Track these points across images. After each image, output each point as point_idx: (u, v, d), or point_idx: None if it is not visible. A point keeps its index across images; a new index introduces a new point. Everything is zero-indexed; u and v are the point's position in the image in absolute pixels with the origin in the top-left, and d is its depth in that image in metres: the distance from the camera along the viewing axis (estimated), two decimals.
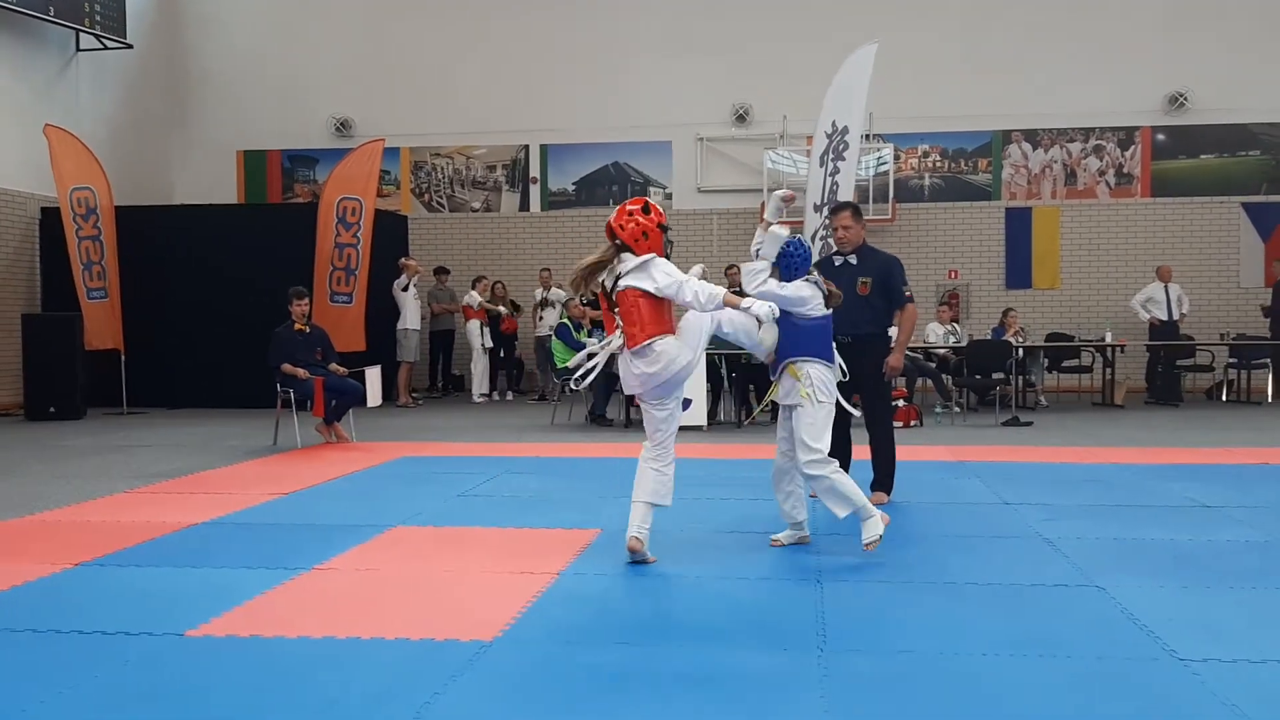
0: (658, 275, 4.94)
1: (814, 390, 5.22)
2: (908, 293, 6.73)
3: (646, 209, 5.08)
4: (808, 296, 5.25)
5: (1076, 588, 4.63)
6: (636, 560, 5.04)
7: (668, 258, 5.11)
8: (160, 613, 4.28)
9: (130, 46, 15.45)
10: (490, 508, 6.62)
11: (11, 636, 4.01)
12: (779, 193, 5.40)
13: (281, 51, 16.97)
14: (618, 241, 5.07)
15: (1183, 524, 5.96)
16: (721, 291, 4.93)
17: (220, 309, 13.61)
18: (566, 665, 3.67)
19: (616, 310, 5.09)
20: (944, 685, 3.47)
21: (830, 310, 5.37)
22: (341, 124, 16.91)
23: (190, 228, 14.20)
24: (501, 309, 14.90)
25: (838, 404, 6.02)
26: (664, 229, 5.10)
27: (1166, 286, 14.26)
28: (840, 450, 6.82)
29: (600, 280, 5.11)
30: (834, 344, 6.30)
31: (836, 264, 6.78)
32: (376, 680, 3.49)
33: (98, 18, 14.79)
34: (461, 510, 6.55)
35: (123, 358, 13.50)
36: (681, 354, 5.01)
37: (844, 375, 5.48)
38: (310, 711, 3.25)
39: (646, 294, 4.96)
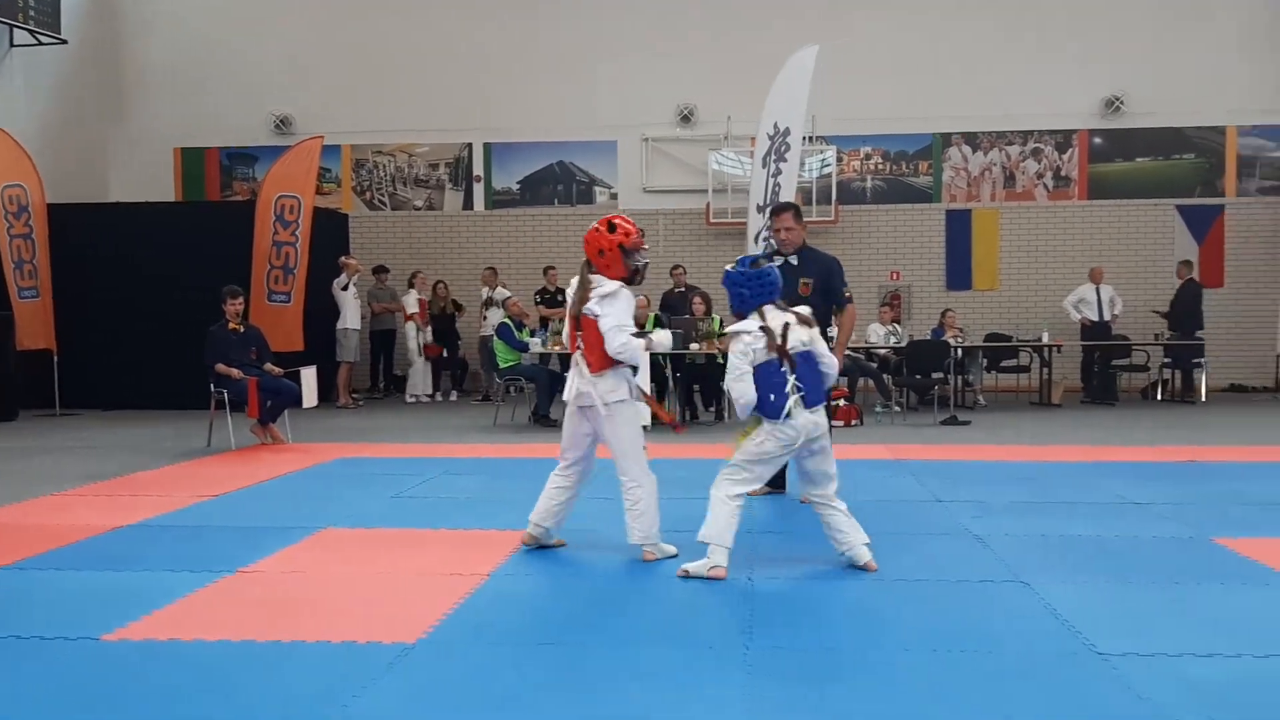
0: (605, 314, 4.98)
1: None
2: (848, 294, 6.77)
3: (612, 227, 5.06)
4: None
5: (1002, 583, 4.68)
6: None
7: (631, 281, 5.11)
8: (78, 616, 4.19)
9: (65, 42, 15.14)
10: (425, 509, 6.56)
11: None
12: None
13: (220, 47, 16.71)
14: (586, 258, 5.15)
15: (1110, 520, 6.05)
16: (638, 345, 5.01)
17: (155, 309, 13.35)
18: (490, 667, 3.63)
19: (580, 333, 5.14)
20: (864, 681, 3.49)
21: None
22: (281, 121, 16.69)
23: (125, 226, 13.91)
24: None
25: None
26: (625, 251, 5.01)
27: (1098, 288, 14.48)
28: None
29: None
30: None
31: (778, 265, 6.80)
32: (295, 684, 3.43)
33: (31, 13, 14.47)
34: (395, 512, 6.48)
35: (55, 358, 13.23)
36: (619, 389, 5.08)
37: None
38: (234, 714, 3.18)
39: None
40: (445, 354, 15.04)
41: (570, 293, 5.22)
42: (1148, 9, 15.46)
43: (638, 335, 5.07)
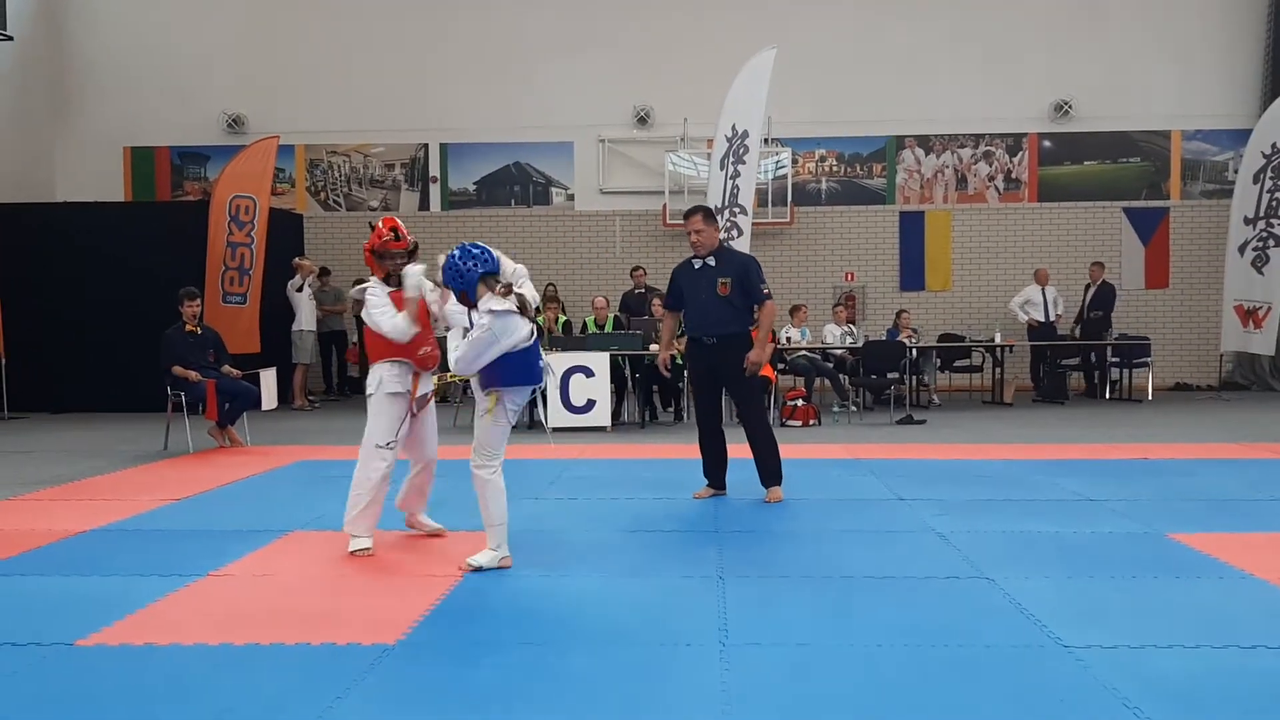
0: (366, 317, 5.49)
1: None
2: (766, 290, 6.82)
3: (378, 227, 5.53)
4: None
5: (968, 579, 4.78)
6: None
7: (388, 280, 5.49)
8: (49, 622, 4.16)
9: (10, 38, 14.89)
10: (389, 511, 6.53)
11: None
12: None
13: (171, 45, 16.50)
14: None
15: (1067, 517, 6.19)
16: (400, 319, 5.37)
17: (107, 310, 13.17)
18: (472, 667, 3.67)
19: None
20: (840, 673, 3.57)
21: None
22: (234, 120, 16.53)
23: (75, 226, 13.70)
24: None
25: (705, 403, 6.50)
26: (378, 254, 5.45)
27: (1044, 289, 14.76)
28: (713, 449, 6.94)
29: None
30: (699, 343, 6.48)
31: (696, 267, 6.88)
32: (276, 686, 3.44)
33: None
34: None
35: (2, 361, 13.00)
36: (379, 384, 5.56)
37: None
38: (217, 713, 3.19)
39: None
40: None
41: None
42: (1096, 17, 15.76)
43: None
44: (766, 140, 14.69)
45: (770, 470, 6.85)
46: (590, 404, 11.01)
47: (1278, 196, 13.87)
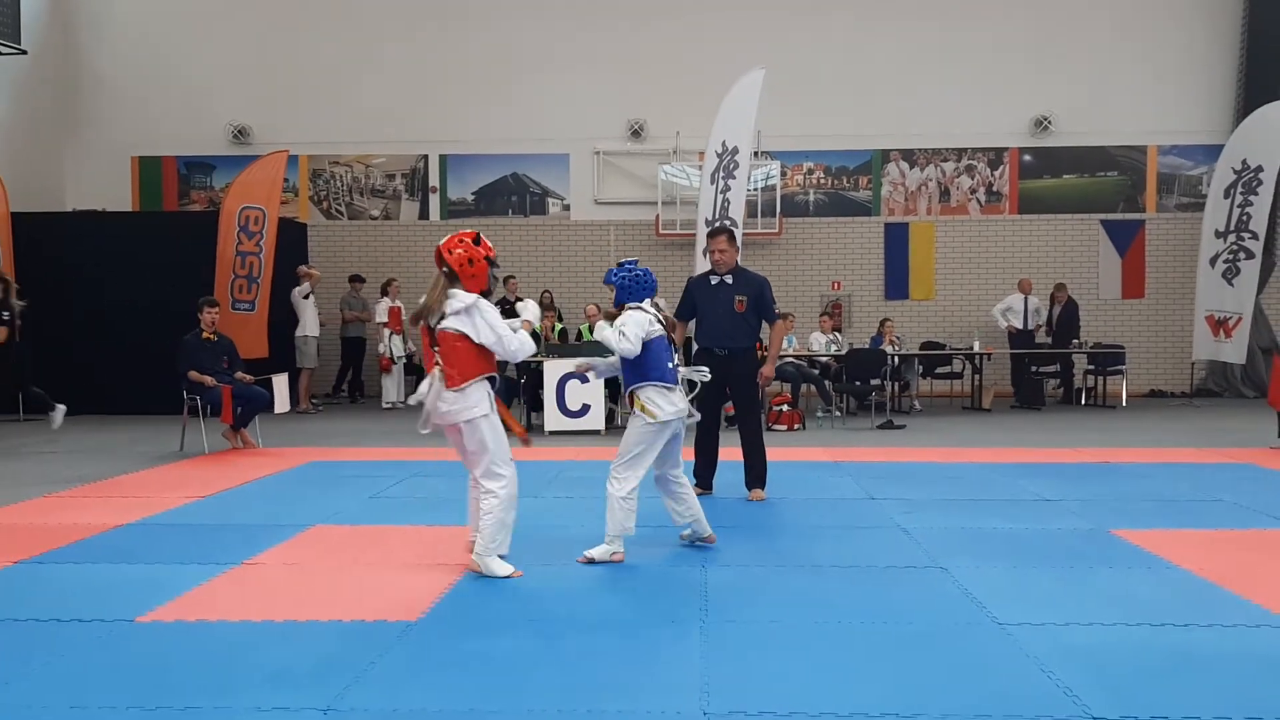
0: (481, 327, 5.09)
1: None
2: (778, 309, 7.49)
3: (478, 239, 5.23)
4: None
5: (923, 569, 5.35)
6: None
7: (489, 294, 5.24)
8: (107, 603, 4.70)
9: (24, 52, 15.40)
10: (403, 508, 7.10)
11: None
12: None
13: (178, 58, 17.03)
14: (446, 269, 5.17)
15: (1023, 515, 6.75)
16: (526, 336, 5.25)
17: (116, 317, 13.67)
18: (487, 639, 4.23)
19: (437, 348, 5.18)
20: (806, 646, 4.13)
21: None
22: (239, 131, 17.05)
23: (86, 234, 14.22)
24: None
25: (708, 410, 6.97)
26: (492, 263, 5.25)
27: (1026, 298, 15.36)
28: (707, 451, 7.52)
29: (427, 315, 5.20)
30: (711, 353, 7.08)
31: (713, 282, 7.45)
32: (318, 653, 4.00)
33: None
34: (376, 510, 7.03)
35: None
36: (481, 404, 5.15)
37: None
38: (265, 678, 3.75)
39: (466, 337, 5.10)
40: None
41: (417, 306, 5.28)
42: (1075, 36, 16.35)
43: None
44: (756, 153, 15.26)
45: (757, 473, 7.44)
46: (585, 408, 11.57)
47: (1248, 211, 14.44)
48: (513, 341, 5.18)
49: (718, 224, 12.31)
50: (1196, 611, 4.55)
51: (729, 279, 7.41)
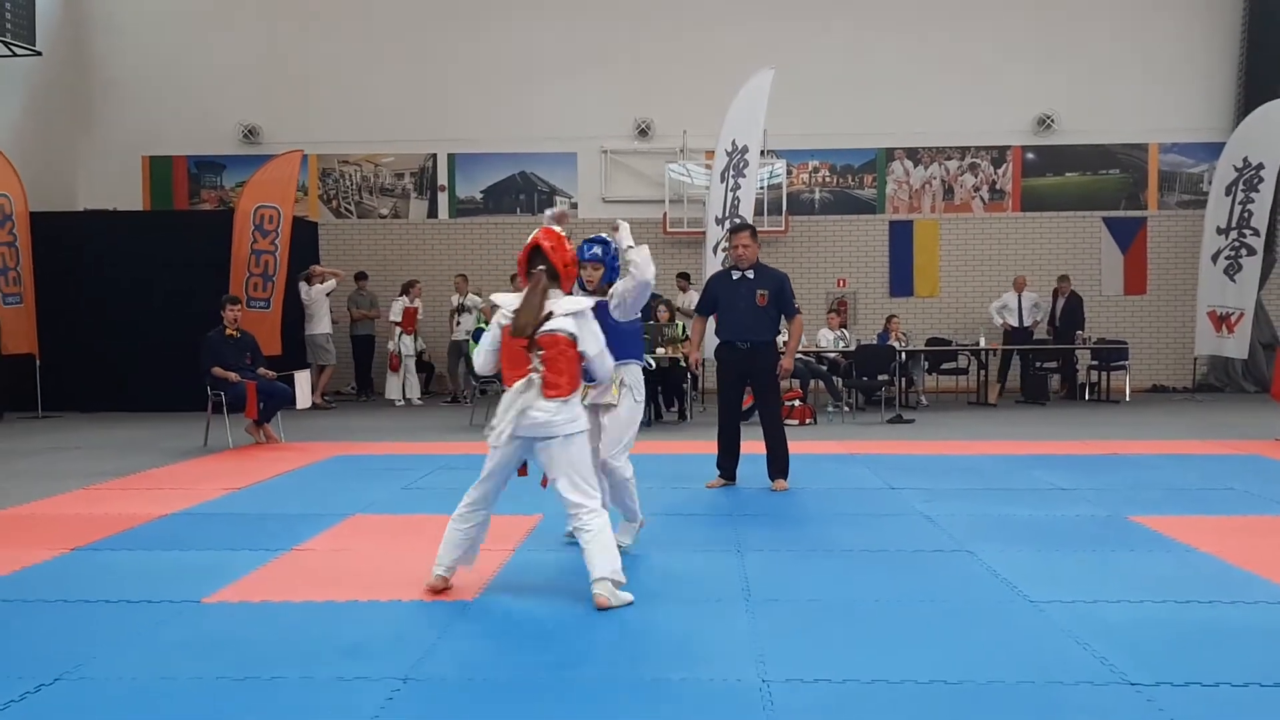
0: (589, 336, 4.71)
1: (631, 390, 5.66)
2: (797, 305, 7.71)
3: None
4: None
5: (950, 553, 5.54)
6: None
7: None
8: (170, 585, 4.88)
9: (39, 54, 15.54)
10: (436, 498, 7.24)
11: (46, 606, 4.59)
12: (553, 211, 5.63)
13: (189, 58, 17.18)
14: (545, 267, 4.74)
15: (1041, 503, 6.95)
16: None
17: (132, 315, 13.81)
18: (539, 614, 4.43)
19: (539, 353, 4.62)
20: (847, 622, 4.33)
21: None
22: (249, 131, 17.21)
23: (99, 233, 14.38)
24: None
25: (730, 401, 7.19)
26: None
27: (1020, 295, 15.56)
28: (730, 443, 7.71)
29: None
30: (733, 346, 7.29)
31: (734, 277, 7.66)
32: (386, 630, 4.20)
33: (8, 25, 14.88)
34: (410, 500, 7.21)
35: (37, 362, 13.67)
36: (582, 418, 4.75)
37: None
38: (341, 652, 3.94)
39: (575, 344, 4.67)
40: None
41: (505, 308, 4.75)
42: (1077, 35, 16.56)
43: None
44: (763, 152, 15.42)
45: (780, 463, 7.64)
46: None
47: (1249, 208, 14.64)
48: (609, 360, 4.88)
49: (730, 222, 12.51)
50: (1219, 590, 4.75)
51: (750, 274, 7.61)
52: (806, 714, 3.37)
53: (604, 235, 5.79)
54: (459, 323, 15.48)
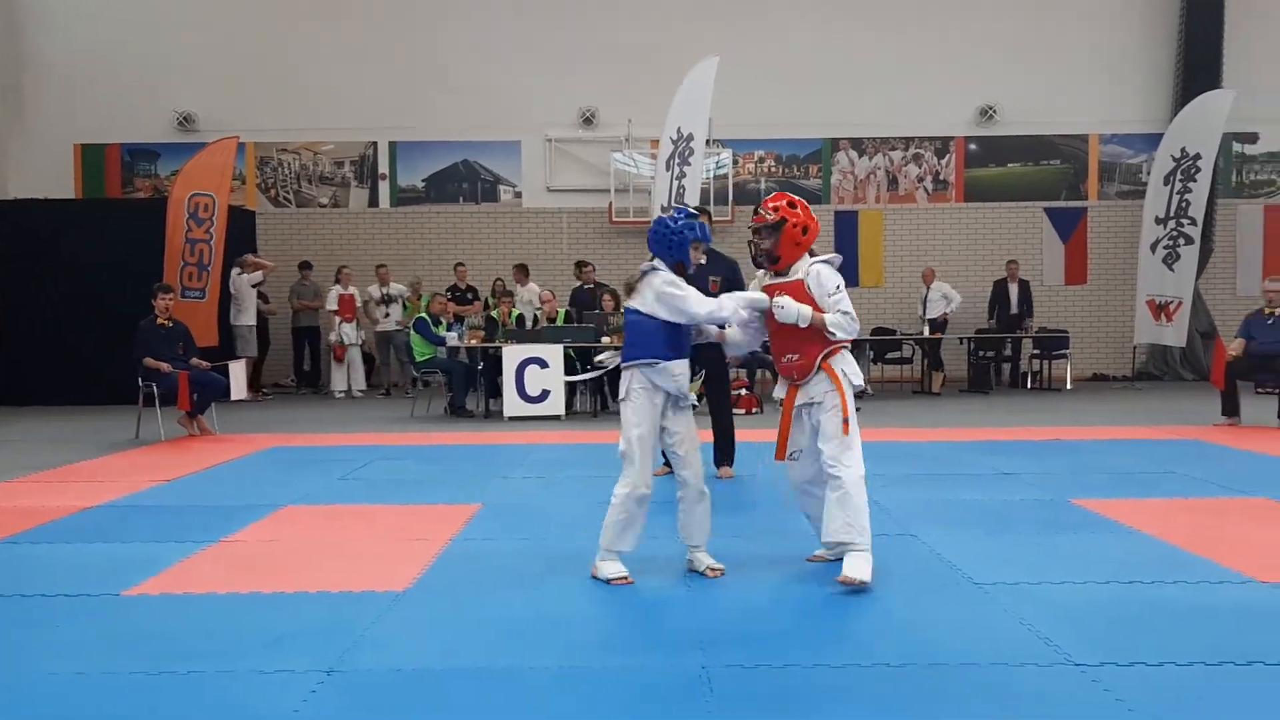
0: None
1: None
2: None
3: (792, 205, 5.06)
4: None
5: (896, 536, 5.49)
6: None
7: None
8: (90, 579, 4.68)
9: None
10: (373, 489, 7.10)
11: None
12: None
13: (122, 43, 16.73)
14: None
15: (985, 488, 6.94)
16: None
17: (65, 305, 13.44)
18: (475, 604, 4.29)
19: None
20: (786, 602, 4.25)
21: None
22: (184, 118, 16.81)
23: (30, 221, 13.97)
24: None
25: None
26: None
27: (929, 287, 15.57)
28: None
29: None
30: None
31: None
32: (312, 621, 4.04)
33: None
34: (346, 491, 7.03)
35: None
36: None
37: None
38: (263, 644, 3.77)
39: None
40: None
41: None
42: (1020, 28, 16.64)
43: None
44: (708, 141, 15.34)
45: (726, 451, 7.57)
46: (545, 394, 11.60)
47: (1187, 198, 14.79)
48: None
49: (674, 208, 12.39)
50: (1161, 570, 4.73)
51: (703, 259, 7.50)
52: (750, 701, 3.28)
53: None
54: (388, 314, 15.24)
